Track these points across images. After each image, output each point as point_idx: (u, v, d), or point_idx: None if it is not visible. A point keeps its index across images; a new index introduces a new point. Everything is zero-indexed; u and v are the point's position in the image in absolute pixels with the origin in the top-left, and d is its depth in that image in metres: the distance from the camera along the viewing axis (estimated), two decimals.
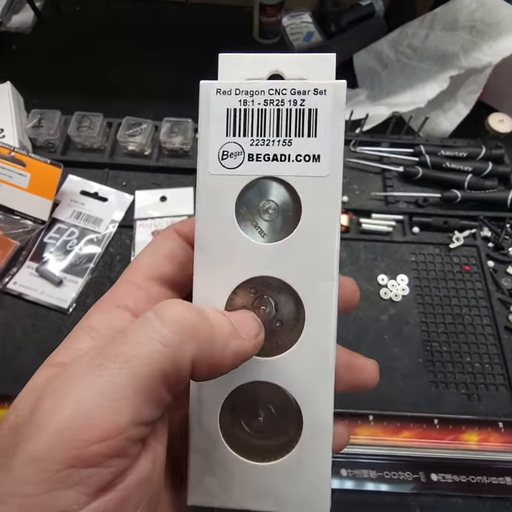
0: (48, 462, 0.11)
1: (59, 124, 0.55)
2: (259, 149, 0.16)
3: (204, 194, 0.17)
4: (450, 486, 0.38)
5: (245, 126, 0.16)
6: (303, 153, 0.16)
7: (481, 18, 0.53)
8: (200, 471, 0.17)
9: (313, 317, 0.17)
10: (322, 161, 0.16)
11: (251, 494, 0.17)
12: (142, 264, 0.18)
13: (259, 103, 0.16)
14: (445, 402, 0.42)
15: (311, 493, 0.17)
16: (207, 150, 0.17)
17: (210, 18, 0.71)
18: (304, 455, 0.17)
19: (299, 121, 0.16)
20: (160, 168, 0.55)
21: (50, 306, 0.46)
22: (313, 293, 0.16)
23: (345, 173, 0.56)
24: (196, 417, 0.17)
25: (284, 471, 0.17)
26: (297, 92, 0.16)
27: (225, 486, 0.17)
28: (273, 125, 0.16)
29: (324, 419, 0.17)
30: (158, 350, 0.13)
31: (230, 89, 0.16)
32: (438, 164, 0.54)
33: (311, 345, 0.17)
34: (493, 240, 0.51)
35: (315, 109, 0.16)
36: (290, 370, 0.17)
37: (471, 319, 0.47)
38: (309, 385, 0.17)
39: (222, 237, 0.17)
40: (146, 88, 0.63)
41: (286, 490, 0.17)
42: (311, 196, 0.16)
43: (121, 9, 0.71)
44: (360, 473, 0.38)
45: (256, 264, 0.17)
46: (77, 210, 0.51)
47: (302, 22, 0.72)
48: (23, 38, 0.68)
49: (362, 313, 0.47)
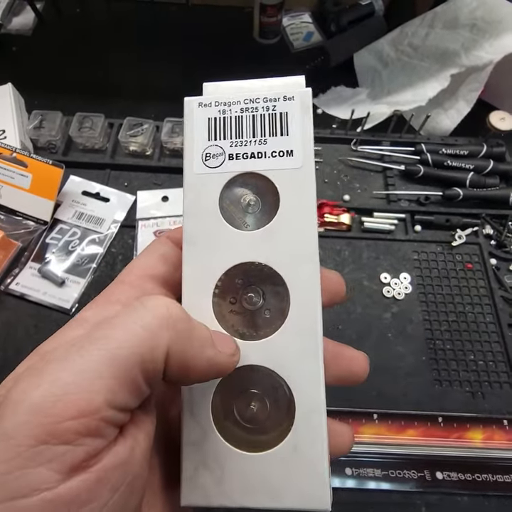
0: (20, 438, 0.11)
1: (60, 124, 0.55)
2: (238, 149, 0.18)
3: (190, 191, 0.18)
4: (455, 484, 0.37)
5: (225, 131, 0.18)
6: (277, 150, 0.18)
7: (481, 16, 0.53)
8: (194, 464, 0.17)
9: (298, 298, 0.17)
10: (295, 154, 0.18)
11: (247, 488, 0.16)
12: (136, 266, 0.19)
13: (236, 111, 0.18)
14: (449, 400, 0.42)
15: (309, 482, 0.16)
16: (192, 153, 0.18)
17: (210, 19, 0.71)
18: (298, 440, 0.17)
19: (271, 123, 0.18)
20: (161, 168, 0.55)
21: (53, 306, 0.46)
22: (296, 275, 0.17)
23: (347, 172, 0.56)
24: (189, 408, 0.17)
25: (280, 459, 0.17)
26: (269, 99, 0.18)
27: (218, 480, 0.17)
28: (249, 128, 0.18)
29: (316, 401, 0.17)
30: (137, 333, 0.13)
31: (210, 102, 0.19)
32: (439, 162, 0.54)
33: (297, 325, 0.17)
34: (495, 238, 0.51)
35: (285, 113, 0.18)
36: (279, 351, 0.17)
37: (474, 317, 0.47)
38: (299, 365, 0.17)
39: (208, 230, 0.18)
40: (147, 88, 0.63)
41: (284, 480, 0.16)
42: (287, 186, 0.18)
43: (122, 10, 0.71)
44: (365, 472, 0.38)
45: (240, 251, 0.18)
46: (79, 211, 0.51)
47: (302, 22, 0.72)
48: (24, 40, 0.68)
49: (365, 311, 0.47)
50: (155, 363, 0.13)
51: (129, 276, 0.18)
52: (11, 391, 0.12)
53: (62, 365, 0.12)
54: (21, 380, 0.12)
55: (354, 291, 0.48)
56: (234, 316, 0.18)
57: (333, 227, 0.51)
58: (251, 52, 0.68)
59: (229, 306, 0.18)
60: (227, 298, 0.18)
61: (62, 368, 0.12)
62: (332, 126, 0.57)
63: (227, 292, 0.18)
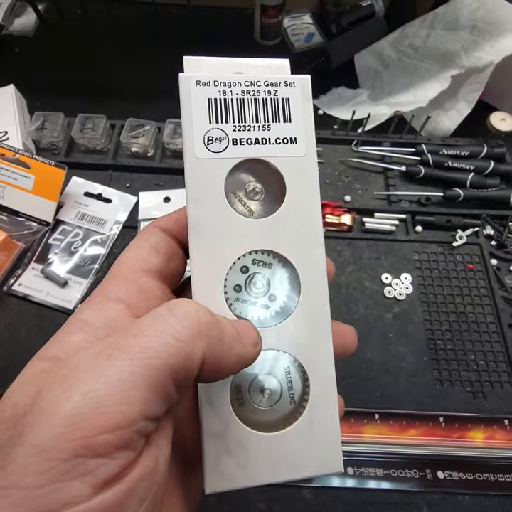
0: (54, 451, 0.11)
1: (62, 126, 0.55)
2: (242, 134, 0.18)
3: (193, 177, 0.17)
4: (457, 484, 0.38)
5: (227, 114, 0.18)
6: (281, 137, 0.18)
7: (481, 18, 0.53)
8: (216, 453, 0.17)
9: (309, 282, 0.18)
10: (299, 142, 0.18)
11: (270, 466, 0.17)
12: (127, 259, 0.18)
13: (237, 93, 0.18)
14: (450, 400, 0.42)
15: (326, 451, 0.18)
16: (192, 136, 0.17)
17: (211, 20, 0.72)
18: (314, 415, 0.18)
19: (274, 108, 0.18)
20: (163, 169, 0.55)
21: (56, 307, 0.46)
22: (306, 260, 0.18)
23: (348, 173, 0.56)
24: (206, 398, 0.17)
25: (298, 434, 0.18)
26: (270, 83, 0.18)
27: (243, 463, 0.17)
28: (252, 112, 0.18)
29: (329, 377, 0.18)
30: (171, 344, 0.13)
31: (208, 81, 0.18)
32: (440, 163, 0.55)
33: (309, 308, 0.18)
34: (495, 238, 0.52)
35: (287, 99, 0.18)
36: (292, 334, 0.18)
37: (474, 317, 0.47)
38: (313, 346, 0.18)
39: (215, 217, 0.17)
40: (148, 89, 0.63)
41: (303, 452, 0.17)
42: (293, 174, 0.18)
43: (123, 11, 0.71)
44: (367, 472, 0.38)
45: (249, 240, 0.18)
46: (82, 212, 0.51)
47: (303, 23, 0.72)
48: (26, 41, 0.68)
49: (366, 311, 0.47)
50: (189, 371, 0.13)
51: (121, 271, 0.18)
52: (38, 401, 0.12)
53: (94, 374, 0.12)
54: (47, 390, 0.12)
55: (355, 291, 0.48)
56: (241, 304, 0.18)
57: (334, 228, 0.52)
58: (252, 53, 0.68)
59: (234, 294, 0.18)
60: (233, 286, 0.18)
61: (92, 378, 0.12)
62: (333, 127, 0.57)
63: (232, 283, 0.18)
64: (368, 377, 0.43)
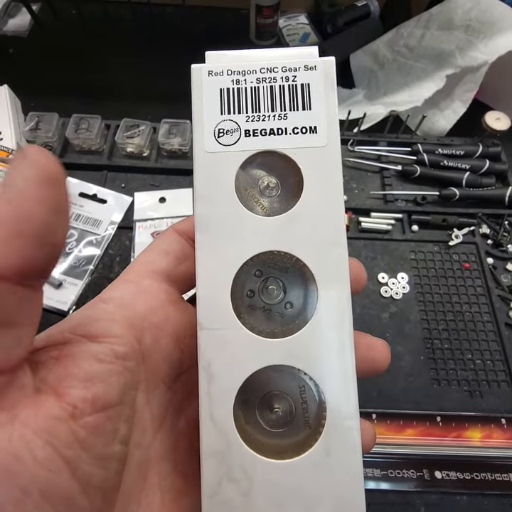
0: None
1: (57, 126, 0.55)
2: (255, 125, 0.16)
3: (202, 172, 0.16)
4: (454, 484, 0.38)
5: (239, 104, 0.16)
6: (299, 126, 0.16)
7: (476, 17, 0.53)
8: (216, 476, 0.15)
9: (327, 289, 0.16)
10: (319, 132, 0.16)
11: (277, 499, 0.15)
12: (137, 262, 0.18)
13: (251, 81, 0.16)
14: (447, 400, 0.42)
15: (345, 486, 0.15)
16: (202, 129, 0.16)
17: (206, 20, 0.72)
18: (330, 443, 0.15)
19: (292, 95, 0.16)
20: (159, 169, 0.55)
21: (50, 308, 0.45)
22: (323, 263, 0.16)
23: (344, 173, 0.56)
24: (208, 414, 0.16)
25: (312, 464, 0.15)
26: (288, 69, 0.16)
27: (246, 492, 0.15)
28: (267, 101, 0.16)
29: (349, 401, 0.15)
30: None
31: (221, 71, 0.17)
32: (436, 162, 0.55)
33: (327, 318, 0.16)
34: (491, 237, 0.52)
35: (307, 84, 0.16)
36: (307, 349, 0.16)
37: (471, 316, 0.47)
38: (330, 363, 0.16)
39: (224, 215, 0.16)
40: (143, 90, 0.63)
41: (317, 487, 0.15)
42: (311, 167, 0.16)
43: (118, 12, 0.71)
44: (364, 472, 0.37)
45: (261, 240, 0.16)
46: (76, 212, 0.51)
47: (298, 23, 0.72)
48: (20, 42, 0.67)
49: (363, 311, 0.47)
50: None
51: (128, 274, 0.17)
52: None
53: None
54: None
55: None
56: (252, 311, 0.17)
57: None
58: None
59: (246, 300, 0.17)
60: (244, 292, 0.17)
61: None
62: None
63: (244, 285, 0.17)
64: None
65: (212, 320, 0.16)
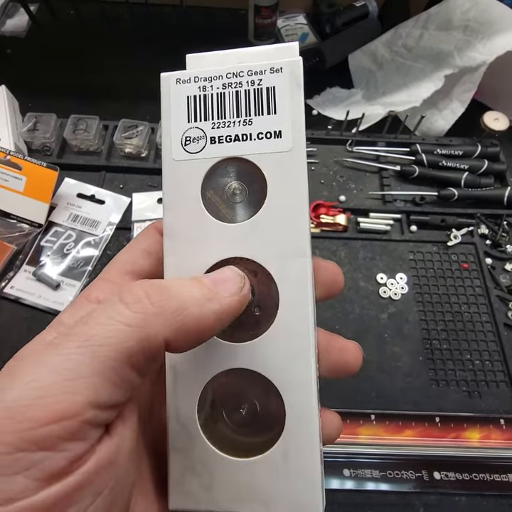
0: None
1: (55, 127, 0.55)
2: (221, 131, 0.16)
3: (169, 180, 0.17)
4: (453, 484, 0.37)
5: (206, 111, 0.17)
6: (264, 131, 0.16)
7: (474, 18, 0.53)
8: (181, 470, 0.16)
9: (288, 296, 0.16)
10: (284, 136, 0.16)
11: (236, 494, 0.16)
12: (118, 261, 0.18)
13: (217, 87, 0.17)
14: (446, 400, 0.42)
15: (301, 490, 0.15)
16: (170, 137, 0.17)
17: (205, 21, 0.71)
18: (289, 446, 0.16)
19: (257, 100, 0.16)
20: (157, 170, 0.55)
21: (48, 310, 0.45)
22: (285, 271, 0.16)
23: (343, 173, 0.56)
24: (174, 412, 0.16)
25: (269, 465, 0.16)
26: (254, 72, 0.16)
27: (207, 486, 0.16)
28: (233, 107, 0.17)
29: (308, 405, 0.16)
30: (120, 329, 0.12)
31: (189, 78, 0.17)
32: (434, 163, 0.55)
33: (287, 325, 0.16)
34: (490, 238, 0.52)
35: (273, 87, 0.16)
36: (267, 353, 0.16)
37: (470, 316, 0.47)
38: (288, 368, 0.16)
39: (190, 222, 0.16)
40: (142, 90, 0.63)
41: (274, 487, 0.16)
42: (275, 172, 0.16)
43: (115, 12, 0.71)
44: (363, 473, 0.37)
45: (225, 246, 0.16)
46: (74, 213, 0.51)
47: (297, 23, 0.72)
48: (18, 42, 0.67)
49: (362, 311, 0.47)
50: (150, 352, 0.13)
51: (108, 274, 0.18)
52: None
53: (38, 365, 0.12)
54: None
55: (350, 290, 0.48)
56: None
57: (329, 228, 0.51)
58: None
59: None
60: None
61: (37, 368, 0.11)
62: (327, 127, 0.57)
63: None
64: (363, 377, 0.43)
65: None
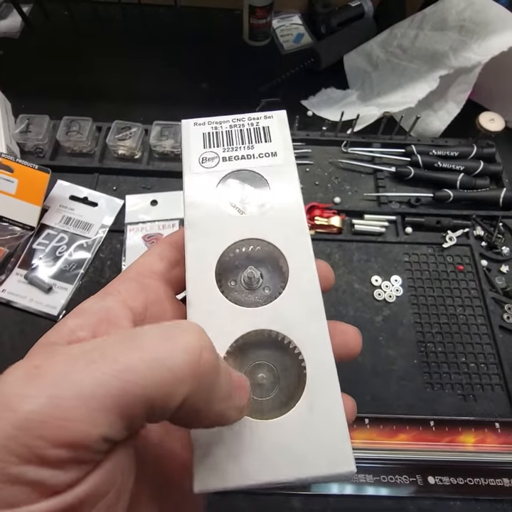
0: (2, 452, 0.10)
1: (47, 128, 0.54)
2: (230, 153, 0.22)
3: (190, 186, 0.21)
4: (447, 489, 0.37)
5: (217, 141, 0.22)
6: (263, 152, 0.22)
7: (469, 18, 0.53)
8: (206, 442, 0.16)
9: (296, 264, 0.19)
10: (278, 155, 0.22)
11: (266, 461, 0.16)
12: (136, 263, 0.20)
13: (226, 127, 0.23)
14: (441, 404, 0.42)
15: (331, 442, 0.16)
16: (189, 159, 0.22)
17: (199, 21, 0.71)
18: (313, 398, 0.17)
19: (256, 133, 0.23)
20: (150, 171, 0.54)
21: (40, 313, 0.45)
22: (291, 245, 0.20)
23: (337, 174, 0.56)
24: None
25: (296, 420, 0.16)
26: (252, 118, 0.23)
27: (236, 455, 0.16)
28: (238, 138, 0.23)
29: (325, 357, 0.17)
30: (159, 373, 0.12)
31: (204, 122, 0.23)
32: (430, 164, 0.54)
33: (298, 287, 0.19)
34: (486, 239, 0.51)
35: (267, 126, 0.23)
36: (284, 313, 0.18)
37: (465, 319, 0.47)
38: (305, 325, 0.18)
39: (207, 215, 0.20)
40: (135, 91, 0.63)
41: (304, 444, 0.16)
42: (273, 177, 0.22)
43: (109, 13, 0.70)
44: (357, 478, 0.37)
45: (239, 231, 0.20)
46: (67, 216, 0.50)
47: (292, 24, 0.72)
48: (11, 43, 0.67)
49: (356, 314, 0.47)
50: (165, 409, 0.12)
51: (128, 272, 0.20)
52: (3, 388, 0.11)
53: (66, 378, 0.11)
54: (18, 378, 0.12)
55: (345, 293, 0.48)
56: (235, 295, 0.19)
57: (324, 230, 0.51)
58: (241, 55, 0.68)
59: (230, 288, 0.20)
60: (227, 279, 0.20)
61: (64, 383, 0.11)
62: (322, 128, 0.56)
63: (227, 274, 0.20)
64: (357, 380, 0.43)
65: (199, 297, 0.18)
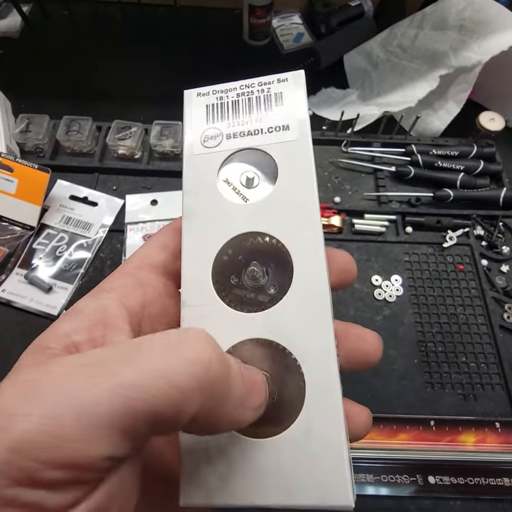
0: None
1: (47, 128, 0.54)
2: (236, 129, 0.19)
3: (189, 170, 0.19)
4: (448, 489, 0.37)
5: (222, 114, 0.19)
6: (273, 126, 0.19)
7: (469, 17, 0.53)
8: (194, 459, 0.15)
9: (302, 263, 0.17)
10: (291, 128, 0.19)
11: (255, 483, 0.14)
12: (134, 256, 0.19)
13: (232, 97, 0.20)
14: (441, 403, 0.42)
15: (327, 472, 0.14)
16: (191, 138, 0.19)
17: (199, 21, 0.71)
18: (311, 421, 0.14)
19: (267, 102, 0.19)
20: (150, 171, 0.54)
21: (40, 313, 0.45)
22: (299, 241, 0.17)
23: (337, 174, 0.56)
24: None
25: (290, 444, 0.14)
26: (263, 83, 0.20)
27: (224, 474, 0.14)
28: (245, 109, 0.19)
29: (329, 375, 0.15)
30: (163, 389, 0.11)
31: (208, 91, 0.20)
32: (430, 163, 0.54)
33: (302, 292, 0.16)
34: (486, 239, 0.51)
35: (280, 92, 0.19)
36: (283, 321, 0.16)
37: (465, 318, 0.47)
38: (306, 335, 0.15)
39: (206, 204, 0.18)
40: (135, 91, 0.63)
41: (296, 469, 0.14)
42: (285, 157, 0.18)
43: (109, 13, 0.70)
44: (357, 478, 0.37)
45: (239, 223, 0.18)
46: (67, 216, 0.50)
47: (292, 23, 0.72)
48: (11, 43, 0.67)
49: (356, 314, 0.46)
50: (174, 423, 0.11)
51: (126, 266, 0.18)
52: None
53: (64, 393, 0.10)
54: (13, 395, 0.11)
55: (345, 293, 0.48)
56: (238, 293, 0.17)
57: (324, 230, 0.51)
58: (241, 54, 0.68)
59: (231, 285, 0.17)
60: (229, 277, 0.17)
61: (63, 398, 0.10)
62: (322, 127, 0.56)
63: (229, 271, 0.17)
64: (357, 380, 0.42)
65: (194, 297, 0.17)
